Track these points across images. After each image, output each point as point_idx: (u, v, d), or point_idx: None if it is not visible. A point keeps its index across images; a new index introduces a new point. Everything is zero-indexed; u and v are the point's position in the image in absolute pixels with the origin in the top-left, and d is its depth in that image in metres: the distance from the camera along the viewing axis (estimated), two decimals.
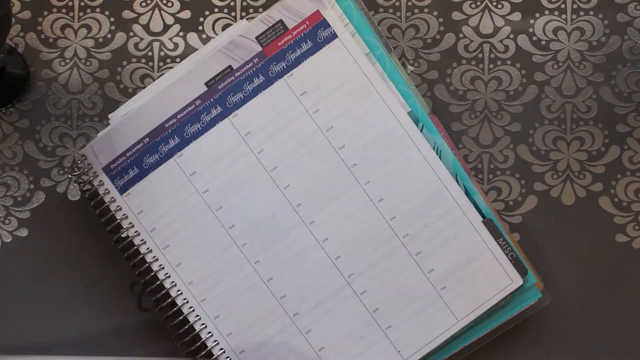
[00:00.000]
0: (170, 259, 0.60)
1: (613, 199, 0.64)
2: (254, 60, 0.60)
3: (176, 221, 0.60)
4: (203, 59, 0.60)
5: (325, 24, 0.60)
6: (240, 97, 0.60)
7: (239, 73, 0.60)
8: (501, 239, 0.59)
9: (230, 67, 0.60)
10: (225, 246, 0.59)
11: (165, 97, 0.60)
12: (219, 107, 0.60)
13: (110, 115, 0.61)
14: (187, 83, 0.60)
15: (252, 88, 0.60)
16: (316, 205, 0.60)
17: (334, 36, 0.60)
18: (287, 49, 0.60)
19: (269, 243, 0.60)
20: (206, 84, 0.60)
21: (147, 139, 0.60)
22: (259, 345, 0.60)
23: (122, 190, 0.60)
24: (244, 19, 0.65)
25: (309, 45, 0.60)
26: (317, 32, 0.60)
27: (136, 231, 0.60)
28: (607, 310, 0.64)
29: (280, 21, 0.60)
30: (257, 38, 0.60)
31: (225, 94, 0.60)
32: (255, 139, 0.60)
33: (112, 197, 0.60)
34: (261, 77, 0.60)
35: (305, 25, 0.60)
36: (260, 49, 0.60)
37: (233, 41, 0.60)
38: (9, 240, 0.65)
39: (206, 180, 0.60)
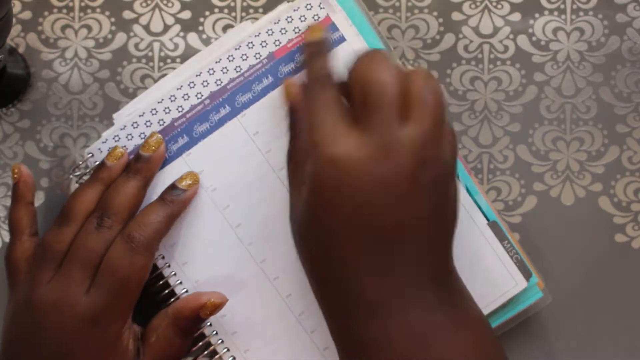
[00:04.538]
0: (177, 257, 0.60)
1: (612, 199, 0.65)
2: (263, 61, 0.60)
3: (183, 219, 0.60)
4: (213, 60, 0.60)
5: (334, 27, 0.60)
6: (249, 97, 0.60)
7: (248, 73, 0.60)
8: (506, 241, 0.59)
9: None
10: (232, 245, 0.59)
11: (174, 96, 0.60)
12: (227, 107, 0.60)
13: (114, 115, 0.61)
14: (196, 82, 0.60)
15: (260, 88, 0.60)
16: None
17: (342, 39, 0.60)
18: (296, 50, 0.60)
19: (276, 242, 0.60)
20: (216, 83, 0.60)
21: None
22: (263, 344, 0.60)
23: None
24: (248, 20, 0.65)
25: None
26: None
27: None
28: (607, 310, 0.64)
29: None
30: None
31: (234, 94, 0.60)
32: (263, 139, 0.60)
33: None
34: (270, 77, 0.60)
35: None
36: (269, 50, 0.60)
37: (243, 42, 0.60)
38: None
39: (214, 179, 0.60)
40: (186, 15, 0.66)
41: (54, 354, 0.55)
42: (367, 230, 0.50)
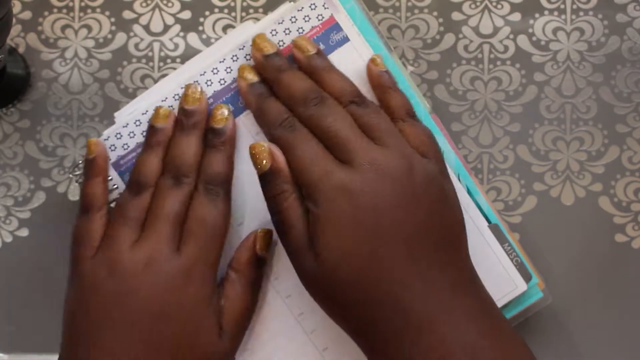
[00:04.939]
0: None
1: (612, 199, 0.65)
2: None
3: None
4: (217, 59, 0.60)
5: (337, 27, 0.60)
6: None
7: None
8: (506, 244, 0.59)
9: None
10: (233, 244, 0.59)
11: (177, 95, 0.60)
12: (230, 106, 0.60)
13: (116, 114, 0.61)
14: (200, 81, 0.60)
15: None
16: None
17: (345, 39, 0.60)
18: None
19: (276, 241, 0.60)
20: (219, 82, 0.60)
21: None
22: (262, 345, 0.60)
23: None
24: (249, 20, 0.65)
25: (322, 48, 0.60)
26: (329, 36, 0.60)
27: None
28: (607, 310, 0.64)
29: None
30: None
31: (237, 93, 0.60)
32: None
33: (121, 193, 0.60)
34: None
35: (318, 29, 0.60)
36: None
37: (247, 42, 0.60)
38: (9, 240, 0.65)
39: None
40: (186, 15, 0.66)
41: (147, 316, 0.54)
42: (396, 245, 0.51)
